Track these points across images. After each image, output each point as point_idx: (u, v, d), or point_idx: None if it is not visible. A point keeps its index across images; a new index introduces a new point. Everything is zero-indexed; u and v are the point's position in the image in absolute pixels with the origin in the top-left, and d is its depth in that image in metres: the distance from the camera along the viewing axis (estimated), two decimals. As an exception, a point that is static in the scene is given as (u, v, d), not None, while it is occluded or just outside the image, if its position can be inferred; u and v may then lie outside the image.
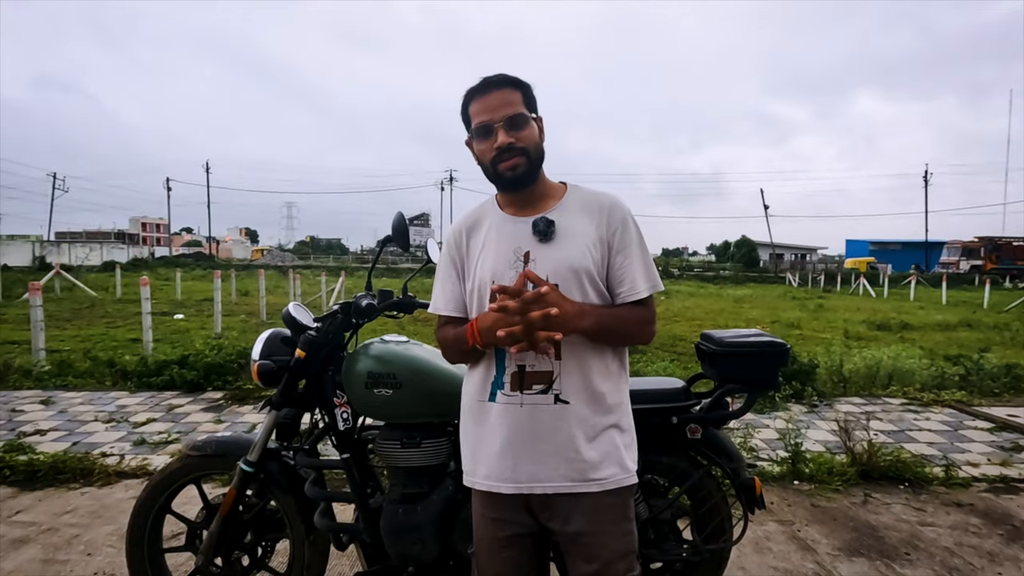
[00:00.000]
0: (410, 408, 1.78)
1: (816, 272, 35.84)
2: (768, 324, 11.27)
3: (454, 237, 1.42)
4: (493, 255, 1.33)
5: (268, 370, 1.83)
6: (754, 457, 3.71)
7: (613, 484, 1.30)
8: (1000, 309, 15.18)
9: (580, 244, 1.30)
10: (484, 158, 1.32)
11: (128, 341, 8.12)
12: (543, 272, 1.28)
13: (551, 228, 1.31)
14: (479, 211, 1.43)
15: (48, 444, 3.81)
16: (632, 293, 1.31)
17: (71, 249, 37.91)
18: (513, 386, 1.29)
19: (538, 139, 1.33)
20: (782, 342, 1.93)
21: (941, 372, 5.80)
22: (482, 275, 1.33)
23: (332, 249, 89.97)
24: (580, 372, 1.29)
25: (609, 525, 1.31)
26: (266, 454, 1.91)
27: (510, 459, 1.29)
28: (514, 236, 1.33)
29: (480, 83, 1.31)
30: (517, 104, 1.30)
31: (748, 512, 1.95)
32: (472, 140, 1.35)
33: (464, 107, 1.34)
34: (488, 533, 1.37)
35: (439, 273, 1.45)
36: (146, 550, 2.00)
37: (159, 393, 5.15)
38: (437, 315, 1.43)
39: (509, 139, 1.27)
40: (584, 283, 1.29)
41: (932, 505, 3.11)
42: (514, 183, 1.32)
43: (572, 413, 1.28)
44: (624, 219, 1.34)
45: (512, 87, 1.31)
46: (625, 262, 1.32)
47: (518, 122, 1.29)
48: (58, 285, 17.23)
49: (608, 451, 1.30)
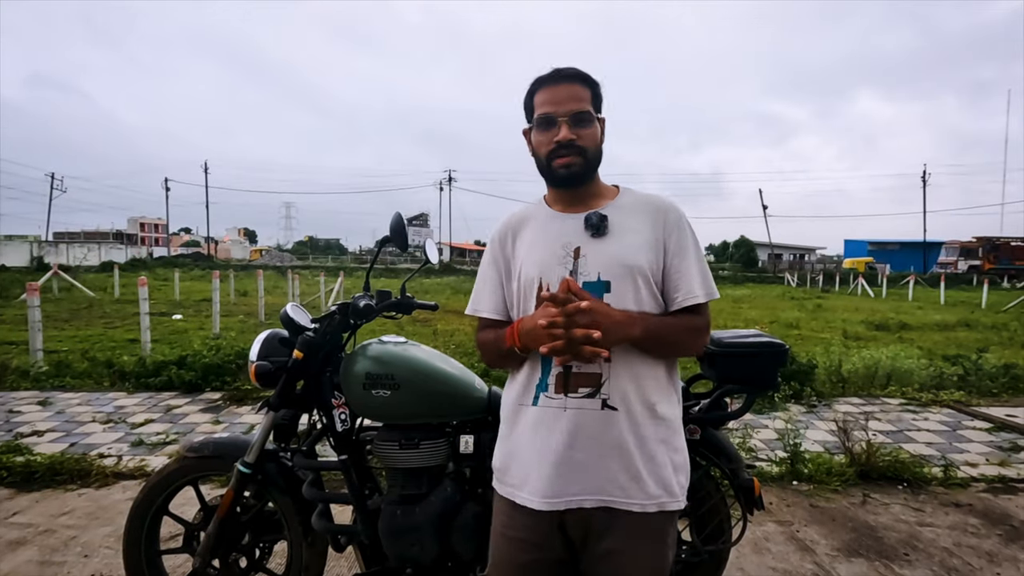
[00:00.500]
0: (408, 409, 1.77)
1: (815, 272, 35.88)
2: (767, 324, 11.27)
3: (499, 238, 1.36)
4: (540, 252, 1.27)
5: (266, 371, 1.82)
6: (753, 457, 3.71)
7: (655, 507, 1.20)
8: (998, 309, 15.20)
9: (634, 241, 1.24)
10: (540, 150, 1.27)
11: (126, 341, 8.11)
12: (594, 268, 1.22)
13: (604, 223, 1.24)
14: (527, 211, 1.37)
15: (45, 445, 3.80)
16: (689, 298, 1.24)
17: (69, 249, 37.87)
18: (558, 388, 1.21)
19: (598, 140, 1.27)
20: (781, 342, 1.92)
21: (940, 372, 5.80)
22: (529, 273, 1.27)
23: (331, 249, 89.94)
24: (630, 377, 1.21)
25: (645, 547, 1.22)
26: (264, 455, 1.90)
27: (548, 469, 1.20)
28: (563, 231, 1.27)
29: (551, 73, 1.26)
30: (584, 101, 1.24)
31: (747, 513, 1.95)
32: (531, 130, 1.29)
33: (529, 95, 1.28)
34: (508, 556, 1.26)
35: (482, 274, 1.39)
36: (143, 552, 1.99)
37: (157, 394, 5.14)
38: (477, 317, 1.38)
39: (570, 135, 1.22)
40: (637, 281, 1.22)
41: (931, 505, 3.11)
42: (567, 181, 1.27)
43: (620, 421, 1.19)
44: (680, 222, 1.28)
45: (582, 83, 1.26)
46: (682, 266, 1.25)
47: (583, 119, 1.23)
48: (56, 285, 17.19)
49: (655, 469, 1.21)
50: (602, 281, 1.22)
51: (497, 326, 1.33)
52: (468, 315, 1.39)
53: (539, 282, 1.25)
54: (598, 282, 1.22)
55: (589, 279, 1.22)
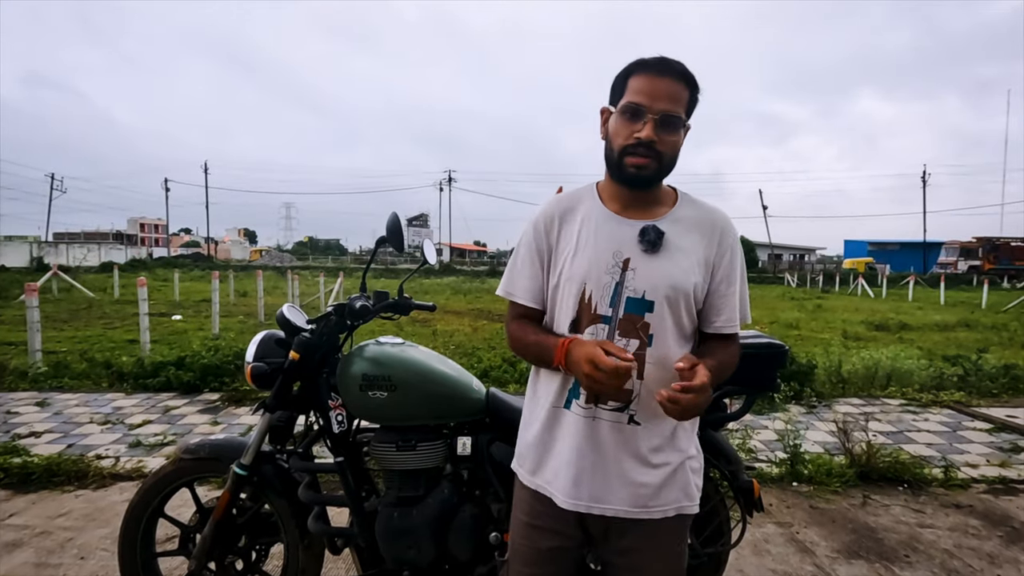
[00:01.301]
0: (405, 411, 1.76)
1: (815, 272, 35.87)
2: (767, 324, 11.26)
3: (544, 223, 1.28)
4: (590, 254, 1.21)
5: (262, 372, 1.81)
6: (753, 458, 3.70)
7: (674, 511, 1.24)
8: (998, 309, 15.19)
9: (686, 262, 1.20)
10: (616, 140, 1.18)
11: (125, 342, 8.09)
12: (642, 285, 1.18)
13: (660, 239, 1.19)
14: (575, 197, 1.29)
15: (43, 446, 3.78)
16: (728, 326, 1.23)
17: (69, 250, 37.86)
18: (589, 399, 1.21)
19: (679, 148, 1.20)
20: (780, 343, 1.91)
21: (940, 373, 5.79)
22: (573, 274, 1.22)
23: (331, 250, 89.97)
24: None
25: (664, 547, 1.26)
26: (260, 457, 1.89)
27: (575, 472, 1.22)
28: (615, 238, 1.21)
29: (656, 61, 1.16)
30: (680, 103, 1.16)
31: (747, 515, 1.94)
32: (612, 112, 1.20)
33: (624, 75, 1.18)
34: (528, 543, 1.29)
35: (520, 257, 1.30)
36: (139, 554, 1.98)
37: (155, 395, 5.12)
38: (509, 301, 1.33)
39: (654, 136, 1.14)
40: (680, 304, 1.19)
41: (931, 506, 3.10)
42: (634, 182, 1.19)
43: (644, 436, 1.21)
44: (734, 244, 1.24)
45: (685, 83, 1.17)
46: (728, 291, 1.23)
47: (672, 122, 1.16)
48: (55, 286, 17.17)
49: (675, 478, 1.24)
50: (647, 300, 1.19)
51: (530, 314, 1.31)
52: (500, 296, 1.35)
53: (583, 287, 1.21)
54: (642, 300, 1.19)
55: (634, 296, 1.20)
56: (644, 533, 1.23)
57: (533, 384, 1.34)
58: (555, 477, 1.25)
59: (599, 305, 1.20)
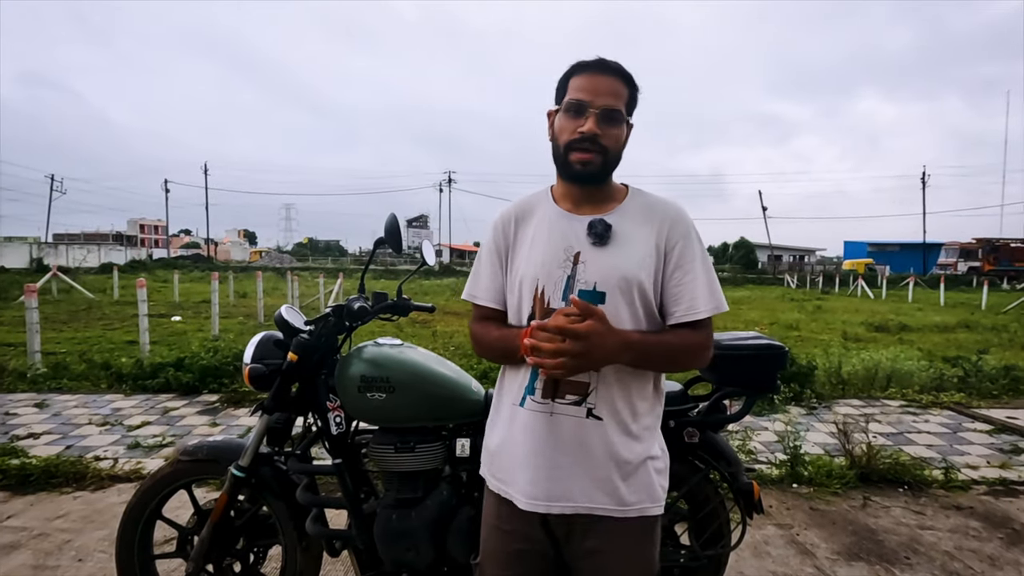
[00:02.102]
0: (404, 412, 1.75)
1: (814, 273, 35.87)
2: (767, 325, 11.25)
3: (502, 224, 1.33)
4: (542, 251, 1.25)
5: (260, 374, 1.80)
6: (753, 460, 3.69)
7: (637, 513, 1.22)
8: (998, 310, 15.20)
9: (636, 253, 1.21)
10: (561, 137, 1.22)
11: (125, 343, 8.09)
12: (592, 277, 1.20)
13: (608, 232, 1.22)
14: (532, 200, 1.33)
15: (41, 448, 3.77)
16: (690, 313, 1.21)
17: (69, 251, 37.85)
18: (545, 393, 1.21)
19: (622, 143, 1.24)
20: (780, 345, 1.91)
21: (940, 374, 5.79)
22: (527, 271, 1.25)
23: (331, 251, 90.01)
24: (618, 387, 1.20)
25: (629, 548, 1.23)
26: (258, 459, 1.88)
27: (531, 472, 1.21)
28: (566, 234, 1.24)
29: (595, 61, 1.22)
30: (620, 99, 1.21)
31: (747, 516, 1.93)
32: (557, 112, 1.25)
33: (565, 77, 1.24)
34: (497, 545, 1.29)
35: (481, 260, 1.35)
36: (136, 556, 1.97)
37: (154, 396, 5.12)
38: (472, 304, 1.35)
39: (596, 130, 1.18)
40: (634, 294, 1.20)
41: (932, 508, 3.10)
42: (580, 177, 1.23)
43: (604, 431, 1.20)
44: (687, 232, 1.24)
45: (624, 81, 1.22)
46: (685, 279, 1.22)
47: (613, 117, 1.19)
48: (55, 287, 17.17)
49: (637, 477, 1.22)
50: (598, 292, 1.20)
51: (493, 315, 1.33)
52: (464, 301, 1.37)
53: (536, 283, 1.24)
54: (594, 292, 1.20)
55: (586, 288, 1.21)
56: (608, 534, 1.22)
57: (499, 386, 1.35)
58: (513, 478, 1.25)
59: (552, 299, 1.22)
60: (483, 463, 1.36)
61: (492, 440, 1.32)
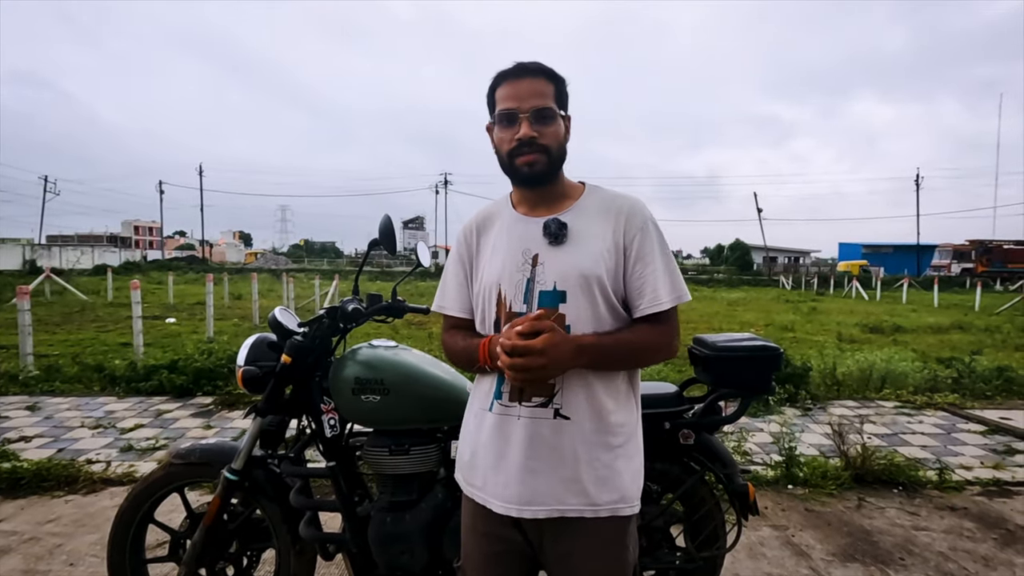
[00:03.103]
0: (398, 414, 1.75)
1: (809, 275, 36.00)
2: (762, 327, 11.29)
3: (464, 235, 1.35)
4: (502, 256, 1.26)
5: (253, 376, 1.79)
6: (748, 461, 3.70)
7: (608, 512, 1.20)
8: (991, 312, 15.29)
9: (593, 249, 1.21)
10: (502, 148, 1.24)
11: (118, 345, 8.04)
12: (551, 277, 1.20)
13: (563, 231, 1.22)
14: (492, 208, 1.35)
15: (33, 451, 3.74)
16: (653, 305, 1.21)
17: (62, 252, 37.60)
18: (512, 396, 1.21)
19: (562, 138, 1.24)
20: (775, 346, 1.91)
21: (934, 375, 5.81)
22: (489, 278, 1.26)
23: (326, 252, 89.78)
24: (584, 387, 1.20)
25: (601, 549, 1.22)
26: (251, 462, 1.86)
27: (502, 475, 1.21)
28: (524, 237, 1.25)
29: (514, 67, 1.22)
30: (548, 97, 1.21)
31: (742, 518, 1.93)
32: (493, 126, 1.26)
33: (492, 89, 1.24)
34: (477, 548, 1.30)
35: (447, 271, 1.37)
36: (128, 560, 1.95)
37: (148, 398, 5.08)
38: (442, 315, 1.37)
39: (532, 132, 1.19)
40: (594, 291, 1.19)
41: (926, 509, 3.10)
42: (529, 180, 1.24)
43: (573, 431, 1.19)
44: (644, 224, 1.24)
45: (547, 78, 1.22)
46: (645, 271, 1.22)
47: (545, 116, 1.20)
48: (48, 289, 17.06)
49: (609, 476, 1.20)
50: (558, 291, 1.20)
51: (462, 324, 1.34)
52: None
53: (499, 289, 1.24)
54: (554, 291, 1.20)
55: (545, 288, 1.21)
56: (579, 535, 1.21)
57: (472, 393, 1.36)
58: (485, 483, 1.25)
59: (513, 303, 1.22)
60: (457, 469, 1.37)
61: (463, 446, 1.33)
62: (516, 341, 1.08)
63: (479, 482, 1.27)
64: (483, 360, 1.21)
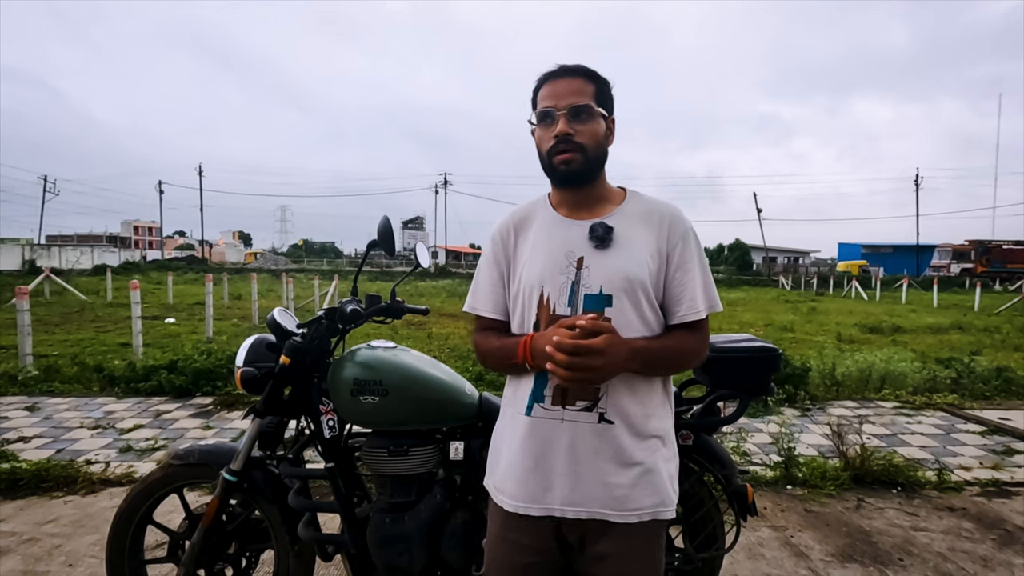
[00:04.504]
0: (397, 415, 1.75)
1: (809, 275, 36.01)
2: (761, 327, 11.29)
3: (501, 235, 1.33)
4: (543, 258, 1.24)
5: (252, 377, 1.79)
6: (747, 462, 3.70)
7: (650, 516, 1.21)
8: (991, 312, 15.29)
9: (638, 255, 1.22)
10: (542, 146, 1.24)
11: (118, 346, 8.04)
12: (597, 281, 1.20)
13: (609, 234, 1.22)
14: (529, 208, 1.34)
15: (32, 451, 3.74)
16: (691, 313, 1.22)
17: (62, 253, 37.58)
18: (555, 400, 1.20)
19: (601, 138, 1.24)
20: (774, 347, 1.91)
21: (933, 375, 5.82)
22: (530, 279, 1.24)
23: (326, 253, 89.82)
24: (628, 391, 1.20)
25: (639, 552, 1.23)
26: (250, 463, 1.87)
27: (544, 479, 1.20)
28: (567, 239, 1.24)
29: (555, 68, 1.24)
30: (586, 96, 1.21)
31: (740, 519, 1.93)
32: (536, 128, 1.27)
33: (534, 91, 1.26)
34: (506, 559, 1.27)
35: (480, 272, 1.35)
36: (127, 561, 1.95)
37: (147, 399, 5.08)
38: (475, 315, 1.35)
39: (568, 129, 1.19)
40: (639, 296, 1.20)
41: (925, 510, 3.11)
42: (568, 179, 1.24)
43: (616, 434, 1.19)
44: (686, 233, 1.25)
45: (587, 79, 1.23)
46: (685, 279, 1.23)
47: (581, 113, 1.20)
48: (47, 289, 17.05)
49: (651, 480, 1.21)
50: (604, 295, 1.20)
51: (495, 326, 1.32)
52: (465, 312, 1.37)
53: (540, 290, 1.23)
54: (600, 295, 1.20)
55: (591, 291, 1.21)
56: (620, 538, 1.21)
57: (504, 397, 1.34)
58: (525, 488, 1.23)
59: (557, 306, 1.22)
60: (489, 475, 1.34)
61: (499, 451, 1.31)
62: (578, 340, 1.07)
63: (512, 489, 1.25)
64: (522, 358, 1.19)
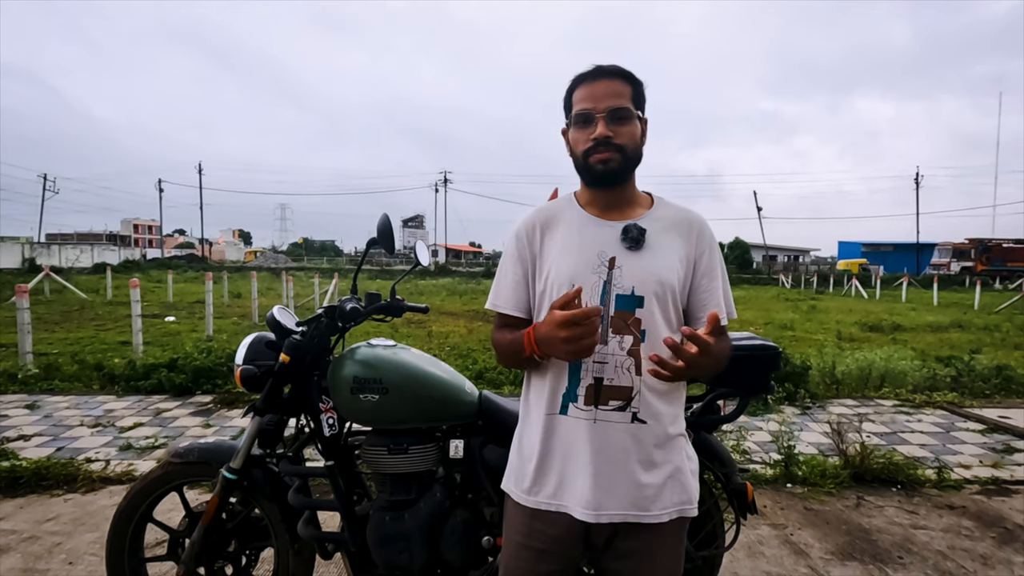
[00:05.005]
0: (397, 414, 1.74)
1: (809, 274, 36.00)
2: (761, 325, 11.29)
3: (526, 231, 1.31)
4: (574, 257, 1.24)
5: (251, 375, 1.79)
6: (747, 460, 3.70)
7: (678, 514, 1.23)
8: (991, 310, 15.29)
9: (669, 258, 1.23)
10: (577, 148, 1.24)
11: (118, 344, 8.04)
12: (629, 282, 1.20)
13: (643, 237, 1.22)
14: (555, 206, 1.33)
15: (32, 450, 3.74)
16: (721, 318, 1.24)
17: (61, 251, 37.57)
18: (588, 400, 1.20)
19: (638, 139, 1.24)
20: (774, 345, 1.91)
21: (933, 373, 5.82)
22: (559, 277, 1.23)
23: (326, 251, 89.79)
24: (660, 392, 1.21)
25: (665, 550, 1.25)
26: (250, 461, 1.87)
27: (580, 480, 1.20)
28: (599, 239, 1.24)
29: (591, 69, 1.23)
30: (624, 97, 1.21)
31: (740, 517, 1.94)
32: (569, 128, 1.27)
33: (569, 93, 1.26)
34: (525, 565, 1.26)
35: (503, 269, 1.34)
36: (127, 560, 1.95)
37: (147, 397, 5.08)
38: (496, 312, 1.34)
39: (608, 132, 1.19)
40: (668, 298, 1.21)
41: (924, 508, 3.11)
42: (604, 178, 1.23)
43: (648, 434, 1.20)
44: (712, 242, 1.28)
45: (623, 80, 1.23)
46: (711, 286, 1.25)
47: (621, 116, 1.20)
48: (47, 287, 17.06)
49: (679, 479, 1.24)
50: (636, 296, 1.20)
51: (516, 323, 1.31)
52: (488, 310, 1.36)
53: (571, 288, 1.21)
54: (632, 296, 1.21)
55: (623, 292, 1.21)
56: (647, 537, 1.23)
57: (525, 396, 1.33)
58: (562, 489, 1.22)
59: (589, 304, 1.21)
60: (510, 476, 1.32)
61: (526, 452, 1.29)
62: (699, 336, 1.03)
63: (552, 490, 1.23)
64: (530, 350, 1.17)
